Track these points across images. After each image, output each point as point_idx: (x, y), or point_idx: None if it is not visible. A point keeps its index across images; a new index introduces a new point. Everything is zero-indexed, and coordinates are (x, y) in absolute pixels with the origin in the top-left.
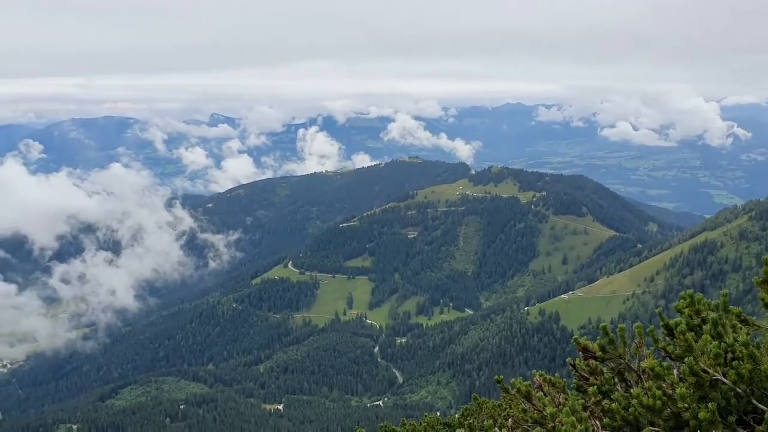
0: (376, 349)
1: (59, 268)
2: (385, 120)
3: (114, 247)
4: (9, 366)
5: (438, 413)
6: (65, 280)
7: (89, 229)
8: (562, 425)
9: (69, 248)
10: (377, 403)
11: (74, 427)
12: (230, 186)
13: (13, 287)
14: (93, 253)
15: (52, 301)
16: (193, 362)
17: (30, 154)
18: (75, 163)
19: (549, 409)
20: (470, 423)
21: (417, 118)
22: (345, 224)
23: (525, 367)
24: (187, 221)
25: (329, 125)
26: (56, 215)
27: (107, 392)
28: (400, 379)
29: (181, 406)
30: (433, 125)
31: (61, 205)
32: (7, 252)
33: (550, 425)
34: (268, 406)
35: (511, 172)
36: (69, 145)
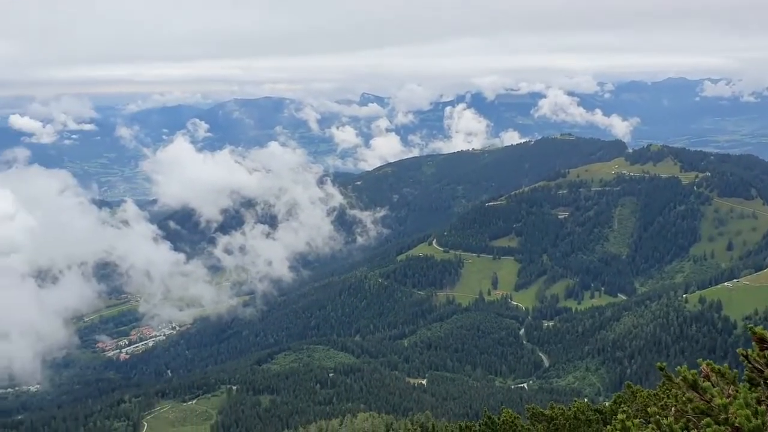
0: (522, 331)
1: (222, 240)
2: (536, 96)
3: (271, 221)
4: (178, 328)
5: (586, 399)
6: (228, 251)
7: (249, 203)
8: (735, 418)
9: (231, 221)
10: (522, 385)
11: (234, 387)
12: (378, 164)
13: (182, 256)
14: (252, 226)
15: (216, 269)
16: (341, 333)
17: (197, 132)
18: (237, 142)
19: (719, 400)
20: (625, 410)
21: (570, 93)
22: (491, 203)
23: (681, 357)
24: (338, 198)
25: (477, 102)
26: (220, 190)
27: (264, 357)
28: (546, 363)
29: (330, 374)
30: (587, 101)
31: (224, 181)
32: (177, 224)
33: (720, 417)
34: (411, 380)
35: (672, 150)
36: (232, 124)
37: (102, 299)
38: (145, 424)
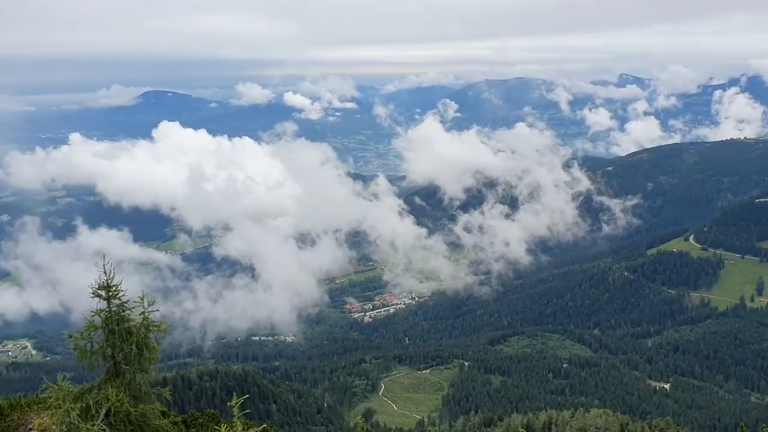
0: None
1: (463, 218)
2: None
3: (511, 202)
4: (417, 299)
5: None
6: (467, 229)
7: (491, 183)
8: None
9: (473, 200)
10: None
11: (466, 363)
12: (632, 149)
13: (424, 231)
14: (492, 206)
15: (455, 246)
16: (579, 324)
17: (447, 112)
18: (484, 122)
19: None
20: None
21: None
22: (763, 199)
23: None
24: (584, 183)
25: (754, 86)
26: (465, 169)
27: (497, 338)
28: None
29: (564, 365)
30: None
31: (469, 160)
32: (422, 199)
33: None
34: (653, 383)
35: None
36: (480, 104)
37: (352, 264)
38: (383, 385)
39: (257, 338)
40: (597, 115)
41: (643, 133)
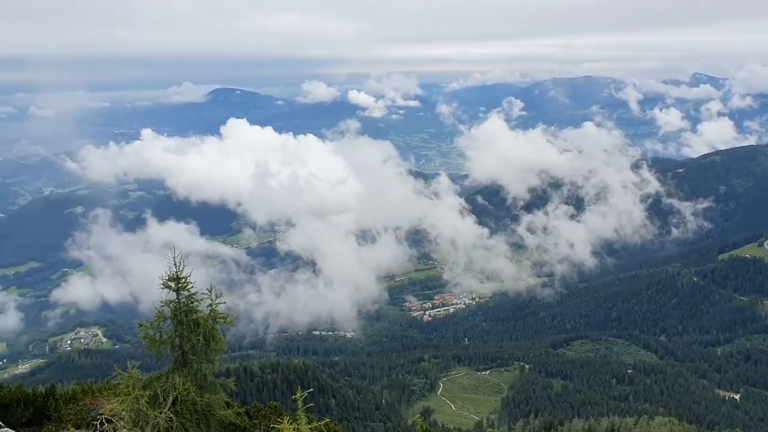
0: None
1: (526, 218)
2: None
3: (577, 203)
4: (477, 299)
5: None
6: (531, 230)
7: (556, 184)
8: None
9: (536, 200)
10: None
11: (527, 366)
12: (704, 151)
13: (485, 230)
14: (556, 206)
15: (518, 247)
16: (645, 329)
17: (512, 111)
18: (550, 121)
19: None
20: None
21: None
22: None
23: None
24: (653, 184)
25: None
26: (529, 169)
27: (559, 341)
28: None
29: (629, 371)
30: None
31: (534, 159)
32: (484, 199)
33: None
34: (722, 392)
35: None
36: (546, 103)
37: (412, 262)
38: (441, 385)
39: (318, 333)
40: (668, 115)
41: (717, 135)
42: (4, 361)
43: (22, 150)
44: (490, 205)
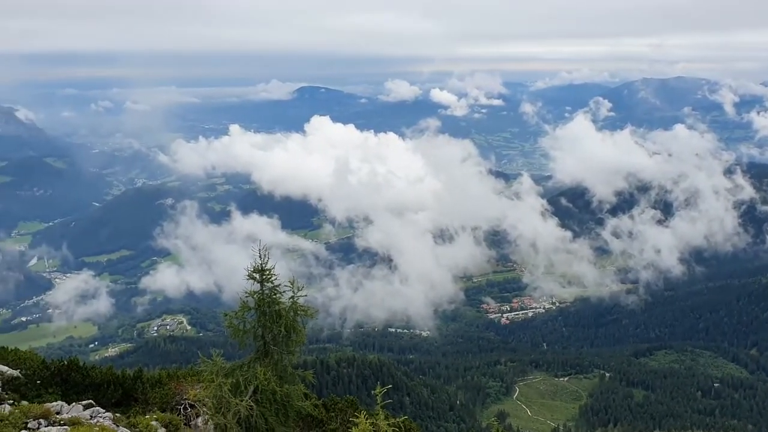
0: None
1: (611, 222)
2: None
3: (665, 208)
4: (557, 304)
5: None
6: (616, 234)
7: (644, 187)
8: None
9: (623, 204)
10: None
11: (607, 374)
12: None
13: (568, 233)
14: (642, 210)
15: (601, 252)
16: (734, 342)
17: (599, 111)
18: (639, 123)
19: None
20: None
21: None
22: None
23: None
24: (748, 191)
25: None
26: (616, 171)
27: (642, 350)
28: None
29: (716, 384)
30: None
31: (621, 161)
32: (568, 201)
33: None
34: None
35: None
36: (636, 104)
37: (490, 264)
38: (517, 389)
39: (393, 330)
40: (766, 119)
41: None
42: (96, 344)
43: (117, 143)
44: (573, 208)
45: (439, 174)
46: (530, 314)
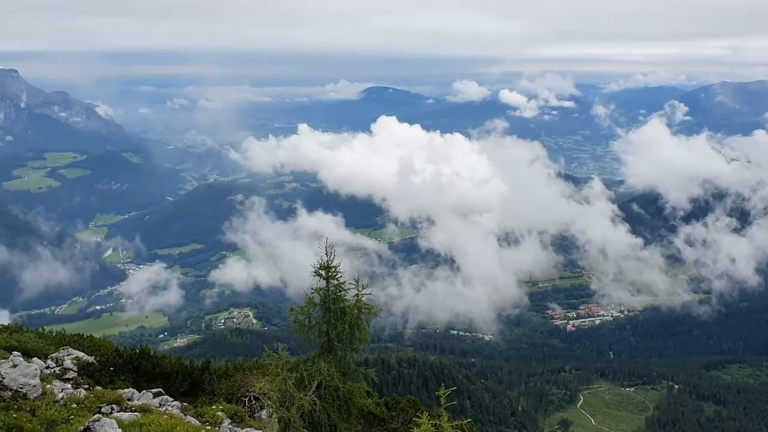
0: None
1: (684, 229)
2: None
3: (742, 216)
4: (626, 312)
5: None
6: (689, 242)
7: (720, 195)
8: None
9: (697, 211)
10: None
11: (675, 386)
12: None
13: (639, 240)
14: (717, 218)
15: (674, 260)
16: None
17: (674, 115)
18: (716, 127)
19: None
20: None
21: None
22: None
23: None
24: None
25: None
26: (691, 177)
27: (714, 363)
28: None
29: None
30: None
31: (697, 167)
32: (640, 207)
33: None
34: None
35: None
36: (713, 108)
37: (557, 269)
38: (582, 397)
39: (455, 332)
40: None
41: None
42: (165, 334)
43: (191, 139)
44: (646, 214)
45: (505, 176)
46: (597, 322)
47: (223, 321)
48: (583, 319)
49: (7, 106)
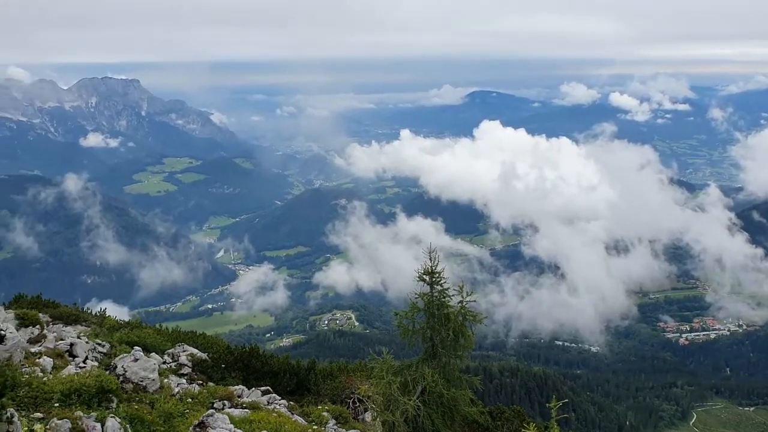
0: None
1: None
2: None
3: None
4: (745, 327)
5: None
6: None
7: None
8: None
9: None
10: None
11: None
12: None
13: (760, 251)
14: None
15: None
16: None
17: None
18: None
19: None
20: None
21: None
22: None
23: None
24: None
25: None
26: None
27: None
28: None
29: None
30: None
31: None
32: (761, 216)
33: None
34: None
35: None
36: None
37: (669, 280)
38: (695, 415)
39: (560, 343)
40: None
41: None
42: (272, 333)
43: (299, 145)
44: (767, 223)
45: (614, 181)
46: (713, 336)
47: (326, 322)
48: (698, 333)
49: (129, 114)
